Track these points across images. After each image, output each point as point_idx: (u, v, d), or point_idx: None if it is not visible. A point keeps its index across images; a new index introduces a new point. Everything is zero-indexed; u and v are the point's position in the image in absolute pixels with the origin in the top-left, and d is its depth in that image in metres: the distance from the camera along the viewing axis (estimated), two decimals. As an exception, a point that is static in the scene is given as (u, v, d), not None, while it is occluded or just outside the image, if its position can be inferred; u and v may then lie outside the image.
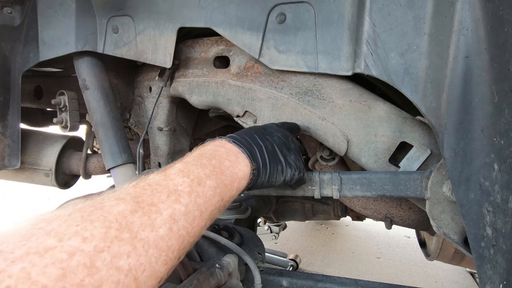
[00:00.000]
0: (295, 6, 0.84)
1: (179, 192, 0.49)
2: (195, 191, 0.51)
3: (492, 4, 0.52)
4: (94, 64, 1.23)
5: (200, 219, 0.50)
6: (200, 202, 0.50)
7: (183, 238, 0.45)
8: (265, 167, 0.68)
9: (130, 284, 0.36)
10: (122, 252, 0.36)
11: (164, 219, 0.43)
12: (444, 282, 2.61)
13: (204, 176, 0.54)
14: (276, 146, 0.73)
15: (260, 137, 0.72)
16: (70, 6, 1.16)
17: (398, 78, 0.73)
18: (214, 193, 0.54)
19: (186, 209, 0.47)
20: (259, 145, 0.69)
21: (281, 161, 0.72)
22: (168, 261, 0.42)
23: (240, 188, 0.63)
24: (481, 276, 0.55)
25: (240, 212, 1.40)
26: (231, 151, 0.64)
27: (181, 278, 0.81)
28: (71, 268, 0.32)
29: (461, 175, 0.59)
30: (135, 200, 0.43)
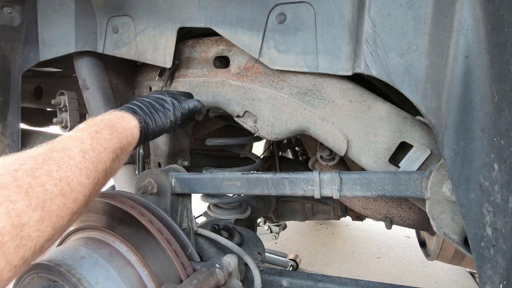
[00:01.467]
0: (295, 6, 0.84)
1: (82, 139, 0.65)
2: (95, 137, 0.67)
3: (492, 4, 0.52)
4: (94, 64, 1.23)
5: (106, 153, 0.67)
6: (102, 142, 0.67)
7: (95, 164, 0.62)
8: (149, 116, 0.87)
9: (65, 186, 0.54)
10: (52, 169, 0.54)
11: (76, 152, 0.60)
12: (444, 282, 2.61)
13: (99, 129, 0.70)
14: (152, 101, 0.92)
15: (137, 100, 0.92)
16: (70, 6, 1.16)
17: (398, 78, 0.73)
18: (111, 137, 0.70)
19: (92, 146, 0.64)
20: (137, 105, 0.88)
21: (160, 109, 0.91)
22: (89, 177, 0.60)
23: (134, 135, 0.80)
24: (481, 276, 0.55)
25: (240, 212, 1.40)
26: (116, 114, 0.80)
27: (181, 278, 0.81)
28: (19, 176, 0.49)
29: (461, 175, 0.59)
30: (50, 147, 0.59)
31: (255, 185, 0.91)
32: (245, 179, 0.92)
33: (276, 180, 0.88)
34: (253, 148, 2.19)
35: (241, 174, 0.94)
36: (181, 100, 0.98)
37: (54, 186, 0.52)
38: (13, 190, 0.47)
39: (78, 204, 0.57)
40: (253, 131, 1.00)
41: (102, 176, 0.65)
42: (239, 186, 0.93)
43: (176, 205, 1.00)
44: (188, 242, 0.89)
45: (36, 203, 0.48)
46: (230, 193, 1.12)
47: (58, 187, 0.53)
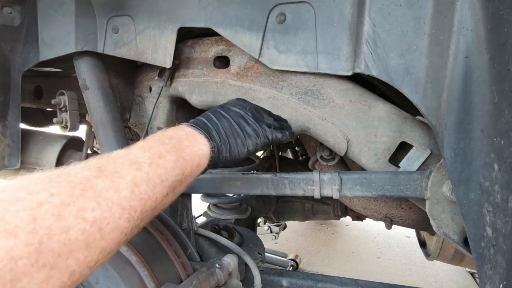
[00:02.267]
0: (295, 6, 0.84)
1: (140, 163, 0.54)
2: (156, 162, 0.56)
3: (492, 4, 0.52)
4: (94, 64, 1.23)
5: (161, 187, 0.55)
6: (161, 172, 0.55)
7: (144, 201, 0.50)
8: (224, 143, 0.74)
9: (95, 233, 0.42)
10: (87, 207, 0.42)
11: (126, 183, 0.49)
12: (444, 282, 2.61)
13: (165, 151, 0.59)
14: (233, 121, 0.77)
15: (216, 116, 0.77)
16: (70, 6, 1.16)
17: (398, 78, 0.73)
18: (174, 166, 0.59)
19: (147, 176, 0.52)
20: (215, 124, 0.74)
21: (240, 135, 0.76)
22: (131, 219, 0.48)
23: (201, 164, 0.67)
24: (481, 276, 0.55)
25: (240, 212, 1.40)
26: (190, 133, 0.69)
27: (181, 278, 0.81)
28: (40, 215, 0.37)
29: (461, 175, 0.59)
30: (98, 168, 0.48)
31: (255, 185, 0.91)
32: (245, 179, 0.92)
33: (276, 180, 0.88)
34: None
35: (241, 174, 0.94)
36: (264, 125, 0.82)
37: (81, 233, 0.40)
38: (23, 238, 0.35)
39: (105, 255, 0.44)
40: (253, 131, 1.00)
41: (147, 216, 0.52)
42: (239, 186, 0.93)
43: (176, 205, 1.00)
44: (188, 242, 0.89)
45: (47, 259, 0.37)
46: (230, 193, 1.12)
47: (86, 234, 0.40)
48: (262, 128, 0.80)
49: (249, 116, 0.80)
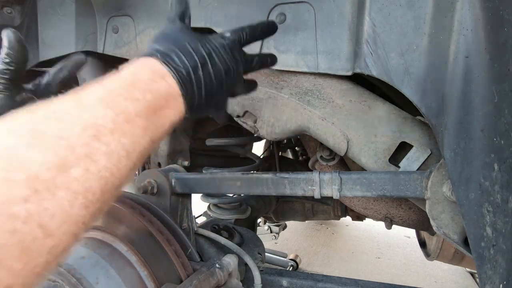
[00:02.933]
0: (295, 6, 0.84)
1: (99, 129, 0.39)
2: (121, 129, 0.42)
3: (492, 4, 0.52)
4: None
5: (126, 160, 0.42)
6: (126, 142, 0.42)
7: (105, 180, 0.39)
8: (199, 108, 0.60)
9: (33, 232, 0.30)
10: (15, 196, 0.30)
11: (77, 157, 0.36)
12: (444, 282, 2.61)
13: (134, 114, 0.45)
14: (219, 74, 0.61)
15: (203, 66, 0.58)
16: (70, 6, 1.16)
17: (398, 78, 0.73)
18: (144, 134, 0.46)
19: (108, 148, 0.39)
20: (199, 80, 0.57)
21: (222, 96, 0.64)
22: (88, 204, 0.36)
23: (168, 130, 0.54)
24: (481, 276, 0.55)
25: (240, 212, 1.40)
26: (171, 91, 0.54)
27: (181, 278, 0.81)
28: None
29: (461, 175, 0.59)
30: (33, 132, 0.34)
31: (255, 185, 0.91)
32: (245, 179, 0.92)
33: (276, 180, 0.88)
34: (253, 148, 2.19)
35: (241, 174, 0.94)
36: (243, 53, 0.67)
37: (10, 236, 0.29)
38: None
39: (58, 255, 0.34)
40: (253, 131, 1.00)
41: (111, 196, 0.41)
42: (239, 186, 0.93)
43: (176, 205, 1.00)
44: (188, 242, 0.89)
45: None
46: (230, 193, 1.12)
47: (18, 236, 0.30)
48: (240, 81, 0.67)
49: (238, 75, 0.66)
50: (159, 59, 0.54)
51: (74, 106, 0.40)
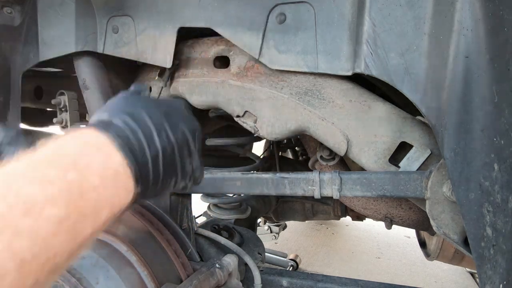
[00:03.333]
0: (295, 6, 0.84)
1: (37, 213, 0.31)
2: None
3: (492, 4, 0.52)
4: (94, 64, 1.23)
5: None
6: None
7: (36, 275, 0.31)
8: (156, 184, 0.49)
9: None
10: None
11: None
12: (444, 282, 2.61)
13: (44, 199, 0.33)
14: (176, 149, 0.52)
15: (159, 134, 0.49)
16: (70, 6, 1.16)
17: (398, 78, 0.73)
18: (57, 230, 0.34)
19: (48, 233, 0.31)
20: (155, 149, 0.48)
21: (177, 173, 0.54)
22: None
23: (111, 216, 0.42)
24: (481, 276, 0.55)
25: (240, 212, 1.40)
26: (109, 162, 0.42)
27: (181, 278, 0.81)
28: None
29: (461, 175, 0.59)
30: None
31: (255, 185, 0.91)
32: (245, 179, 0.92)
33: (276, 180, 0.88)
34: (253, 148, 2.19)
35: (241, 174, 0.94)
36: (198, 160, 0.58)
37: None
38: None
39: None
40: (253, 131, 1.00)
41: None
42: (239, 186, 0.93)
43: (176, 205, 1.00)
44: (188, 242, 0.89)
45: None
46: (230, 193, 1.12)
47: None
48: (198, 163, 0.58)
49: (194, 146, 0.56)
50: (96, 128, 0.45)
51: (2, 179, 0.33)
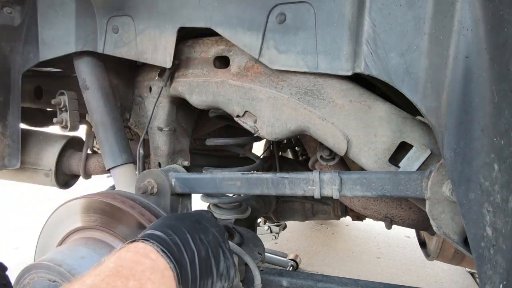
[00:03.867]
0: (295, 6, 0.84)
1: None
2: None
3: (492, 4, 0.52)
4: (94, 64, 1.23)
5: None
6: None
7: None
8: (194, 283, 0.56)
9: None
10: None
11: None
12: (444, 282, 2.61)
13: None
14: (210, 251, 0.60)
15: (193, 238, 0.58)
16: (70, 6, 1.16)
17: (398, 78, 0.73)
18: None
19: None
20: (191, 251, 0.57)
21: (213, 273, 0.60)
22: None
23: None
24: (481, 276, 0.55)
25: (240, 212, 1.40)
26: (156, 267, 0.52)
27: (181, 278, 0.81)
28: None
29: (461, 175, 0.59)
30: None
31: (255, 185, 0.91)
32: (245, 179, 0.92)
33: (276, 180, 0.88)
34: (253, 148, 2.19)
35: (241, 174, 0.94)
36: (231, 264, 0.65)
37: None
38: None
39: None
40: (253, 131, 1.00)
41: None
42: (239, 186, 0.93)
43: (176, 205, 1.00)
44: (188, 242, 0.89)
45: None
46: (230, 193, 1.12)
47: None
48: (233, 266, 0.65)
49: (226, 248, 0.64)
50: (141, 240, 0.54)
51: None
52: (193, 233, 0.59)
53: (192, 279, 0.56)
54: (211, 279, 0.60)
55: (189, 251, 0.57)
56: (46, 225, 1.03)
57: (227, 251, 0.64)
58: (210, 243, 0.61)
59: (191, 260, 0.56)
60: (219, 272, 0.61)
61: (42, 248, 1.03)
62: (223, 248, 0.63)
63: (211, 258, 0.60)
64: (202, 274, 0.57)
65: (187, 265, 0.55)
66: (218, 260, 0.61)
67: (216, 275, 0.61)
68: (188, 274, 0.55)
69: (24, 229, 3.28)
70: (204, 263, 0.58)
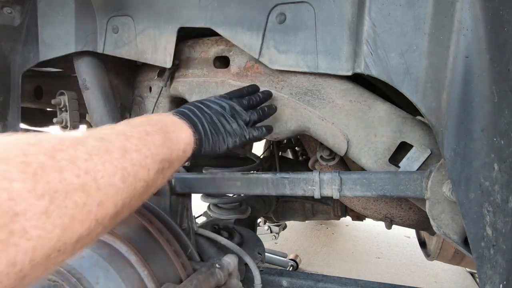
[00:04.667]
0: (295, 6, 0.84)
1: (128, 136, 0.52)
2: (144, 138, 0.54)
3: (492, 4, 0.52)
4: (94, 64, 1.23)
5: (152, 160, 0.53)
6: (150, 146, 0.54)
7: (137, 169, 0.49)
8: (207, 136, 0.74)
9: (90, 182, 0.40)
10: (79, 156, 0.41)
11: (116, 147, 0.47)
12: (444, 282, 2.61)
13: (152, 131, 0.58)
14: (214, 117, 0.78)
15: (199, 111, 0.77)
16: (70, 6, 1.16)
17: (398, 78, 0.73)
18: (163, 144, 0.58)
19: (137, 147, 0.51)
20: (198, 117, 0.75)
21: (221, 131, 0.78)
22: (125, 180, 0.46)
23: (186, 152, 0.67)
24: (481, 276, 0.55)
25: (240, 212, 1.40)
26: (176, 121, 0.69)
27: (181, 278, 0.81)
28: (30, 151, 0.37)
29: (461, 175, 0.59)
30: (82, 136, 0.46)
31: (255, 185, 0.91)
32: (245, 179, 0.92)
33: (276, 180, 0.88)
34: (253, 148, 2.19)
35: (241, 174, 0.94)
36: (242, 122, 0.83)
37: (76, 177, 0.39)
38: (14, 165, 0.34)
39: (104, 211, 0.42)
40: (253, 131, 1.00)
41: (142, 187, 0.50)
42: (239, 186, 0.93)
43: (176, 205, 1.00)
44: (188, 242, 0.89)
45: (44, 190, 0.34)
46: (230, 193, 1.12)
47: (81, 179, 0.39)
48: (240, 127, 0.82)
49: (228, 115, 0.81)
50: (170, 112, 0.73)
51: (109, 127, 0.53)
52: (198, 108, 0.78)
53: (204, 133, 0.74)
54: (221, 136, 0.78)
55: (197, 117, 0.75)
56: (46, 225, 1.03)
57: (229, 118, 0.81)
58: (213, 113, 0.79)
59: (200, 122, 0.74)
60: (227, 131, 0.79)
61: (42, 248, 1.02)
62: (225, 116, 0.80)
63: (216, 121, 0.78)
64: (211, 130, 0.76)
65: (198, 124, 0.73)
66: (223, 123, 0.79)
67: (224, 133, 0.79)
68: (200, 129, 0.73)
69: (24, 229, 3.27)
70: (211, 124, 0.77)
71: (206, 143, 0.74)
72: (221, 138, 0.78)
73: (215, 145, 0.77)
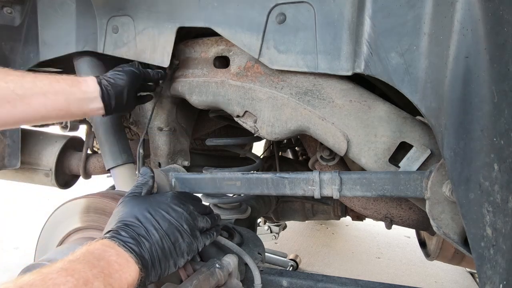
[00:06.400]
0: (295, 6, 0.84)
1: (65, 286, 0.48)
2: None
3: (492, 4, 0.52)
4: (94, 64, 1.23)
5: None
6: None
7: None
8: (155, 267, 0.68)
9: None
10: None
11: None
12: (444, 282, 2.61)
13: (92, 277, 0.53)
14: (167, 239, 0.71)
15: (148, 230, 0.69)
16: (70, 6, 1.16)
17: (398, 78, 0.73)
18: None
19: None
20: (147, 241, 0.68)
21: (172, 255, 0.71)
22: None
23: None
24: (481, 276, 0.55)
25: (240, 212, 1.40)
26: (120, 255, 0.63)
27: (181, 278, 0.81)
28: None
29: (461, 175, 0.59)
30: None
31: (255, 185, 0.91)
32: (245, 179, 0.92)
33: (276, 180, 0.88)
34: (253, 148, 2.19)
35: (241, 174, 0.94)
36: (197, 231, 0.77)
37: None
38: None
39: None
40: (253, 131, 1.00)
41: None
42: (239, 186, 0.93)
43: (176, 205, 0.99)
44: (188, 242, 0.89)
45: None
46: (230, 193, 1.12)
47: None
48: (195, 238, 0.76)
49: (185, 228, 0.74)
50: (107, 237, 0.66)
51: (40, 279, 0.48)
52: (148, 224, 0.70)
53: (152, 264, 0.67)
54: (172, 260, 0.71)
55: (145, 240, 0.68)
56: (46, 225, 1.03)
57: (185, 232, 0.74)
58: (166, 231, 0.71)
59: (149, 250, 0.67)
60: (180, 251, 0.73)
61: (42, 248, 1.03)
62: (180, 231, 0.73)
63: (167, 243, 0.71)
64: (161, 259, 0.69)
65: (145, 253, 0.67)
66: (177, 242, 0.72)
67: (177, 256, 0.72)
68: (148, 262, 0.66)
69: (24, 229, 3.28)
70: (162, 250, 0.69)
71: (153, 274, 0.68)
72: (172, 263, 0.72)
73: (163, 272, 0.70)
